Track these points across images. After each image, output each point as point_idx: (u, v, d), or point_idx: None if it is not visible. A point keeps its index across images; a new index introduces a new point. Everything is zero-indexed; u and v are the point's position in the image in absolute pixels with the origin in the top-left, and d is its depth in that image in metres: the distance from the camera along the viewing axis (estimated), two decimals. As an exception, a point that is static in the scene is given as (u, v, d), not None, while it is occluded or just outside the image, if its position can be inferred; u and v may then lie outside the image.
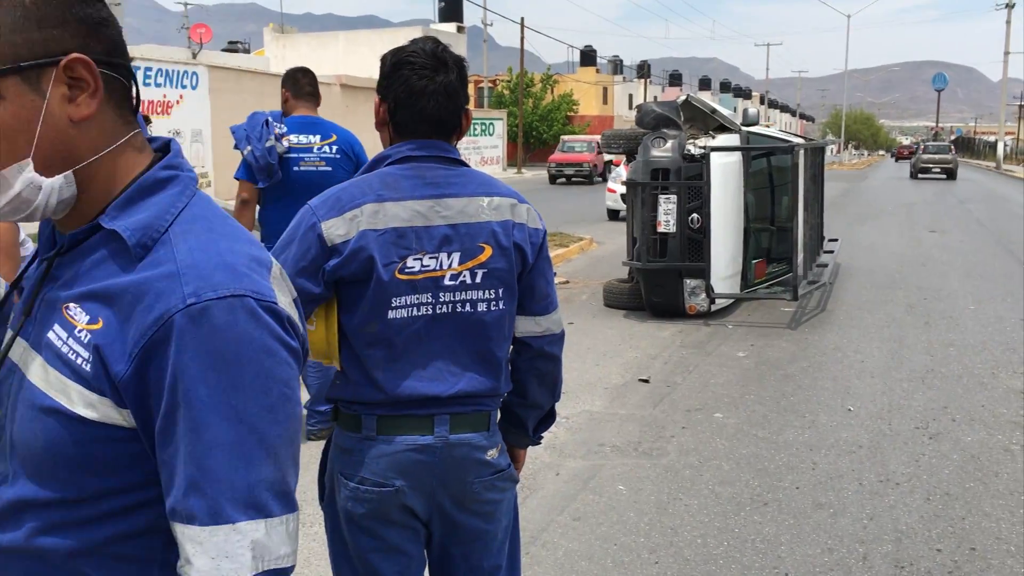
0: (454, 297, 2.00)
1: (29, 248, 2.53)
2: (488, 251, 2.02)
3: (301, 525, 3.93)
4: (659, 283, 8.72)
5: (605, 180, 34.04)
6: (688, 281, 8.67)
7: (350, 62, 41.85)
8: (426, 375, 1.99)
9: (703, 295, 8.64)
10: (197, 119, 21.98)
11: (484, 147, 42.37)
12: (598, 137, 36.56)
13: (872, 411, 5.76)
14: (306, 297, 1.94)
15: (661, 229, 8.58)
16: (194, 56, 30.59)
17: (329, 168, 4.98)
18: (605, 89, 64.57)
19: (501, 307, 2.06)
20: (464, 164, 2.09)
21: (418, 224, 1.96)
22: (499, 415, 2.19)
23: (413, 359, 1.99)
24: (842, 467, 4.79)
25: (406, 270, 1.95)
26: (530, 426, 2.28)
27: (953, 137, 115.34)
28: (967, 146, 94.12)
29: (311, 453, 3.18)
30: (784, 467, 4.80)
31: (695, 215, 8.54)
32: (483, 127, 42.40)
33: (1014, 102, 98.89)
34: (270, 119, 4.92)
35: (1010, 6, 52.22)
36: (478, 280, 2.02)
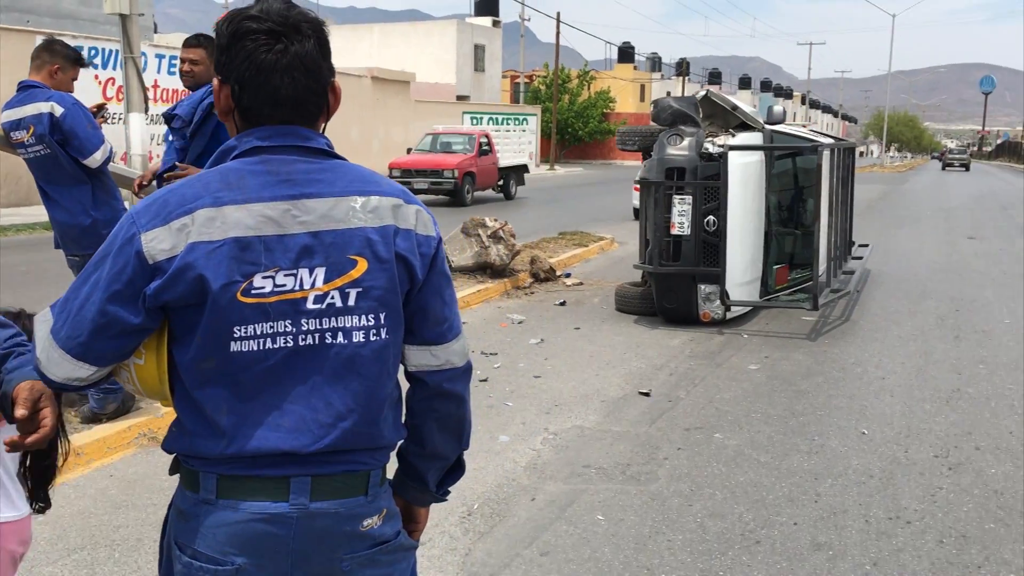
0: (320, 324, 1.59)
1: None
2: (362, 265, 1.61)
3: None
4: (672, 288, 8.27)
5: (509, 198, 23.24)
6: (702, 286, 8.21)
7: (384, 55, 41.69)
8: (284, 424, 1.58)
9: (718, 302, 8.18)
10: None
11: (518, 143, 41.96)
12: (493, 129, 26.64)
13: (888, 436, 5.29)
14: (122, 328, 1.55)
15: (675, 231, 8.14)
16: (225, 46, 30.46)
17: None
18: (643, 86, 63.87)
19: (383, 336, 1.65)
20: (334, 155, 1.68)
21: (268, 233, 1.56)
22: (385, 469, 1.78)
23: (267, 403, 1.59)
24: (848, 501, 4.33)
25: (253, 291, 1.54)
26: (431, 480, 1.87)
27: (1000, 141, 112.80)
28: (1014, 151, 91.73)
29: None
30: (784, 498, 4.35)
31: (711, 217, 8.08)
32: (517, 122, 42.00)
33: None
34: None
35: (1062, 7, 50.63)
36: (351, 302, 1.61)
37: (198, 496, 1.61)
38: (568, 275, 10.96)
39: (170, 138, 4.71)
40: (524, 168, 25.71)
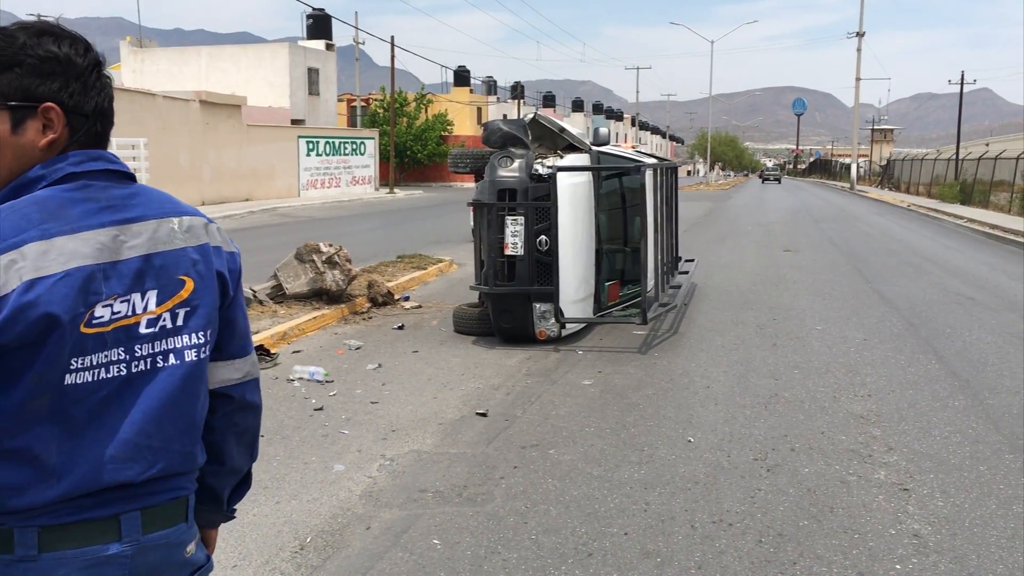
0: (153, 348, 1.56)
1: None
2: (190, 284, 1.61)
3: None
4: (508, 308, 8.38)
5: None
6: (538, 305, 8.36)
7: (214, 79, 40.41)
8: (119, 455, 1.52)
9: (553, 320, 8.35)
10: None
11: (355, 167, 41.58)
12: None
13: (712, 442, 5.53)
14: None
15: (509, 252, 8.26)
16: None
17: None
18: (479, 109, 64.69)
19: (206, 354, 1.65)
20: (135, 178, 1.65)
21: (104, 260, 1.50)
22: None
23: (98, 436, 1.51)
24: (675, 507, 4.50)
25: (95, 321, 1.48)
26: (225, 497, 1.86)
27: (812, 159, 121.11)
28: (825, 168, 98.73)
29: None
30: (615, 510, 4.47)
31: (543, 237, 8.26)
32: (354, 146, 41.62)
33: (867, 126, 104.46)
34: None
35: (860, 35, 54.97)
36: (180, 322, 1.59)
37: (12, 556, 1.48)
38: (407, 298, 10.91)
39: None
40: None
